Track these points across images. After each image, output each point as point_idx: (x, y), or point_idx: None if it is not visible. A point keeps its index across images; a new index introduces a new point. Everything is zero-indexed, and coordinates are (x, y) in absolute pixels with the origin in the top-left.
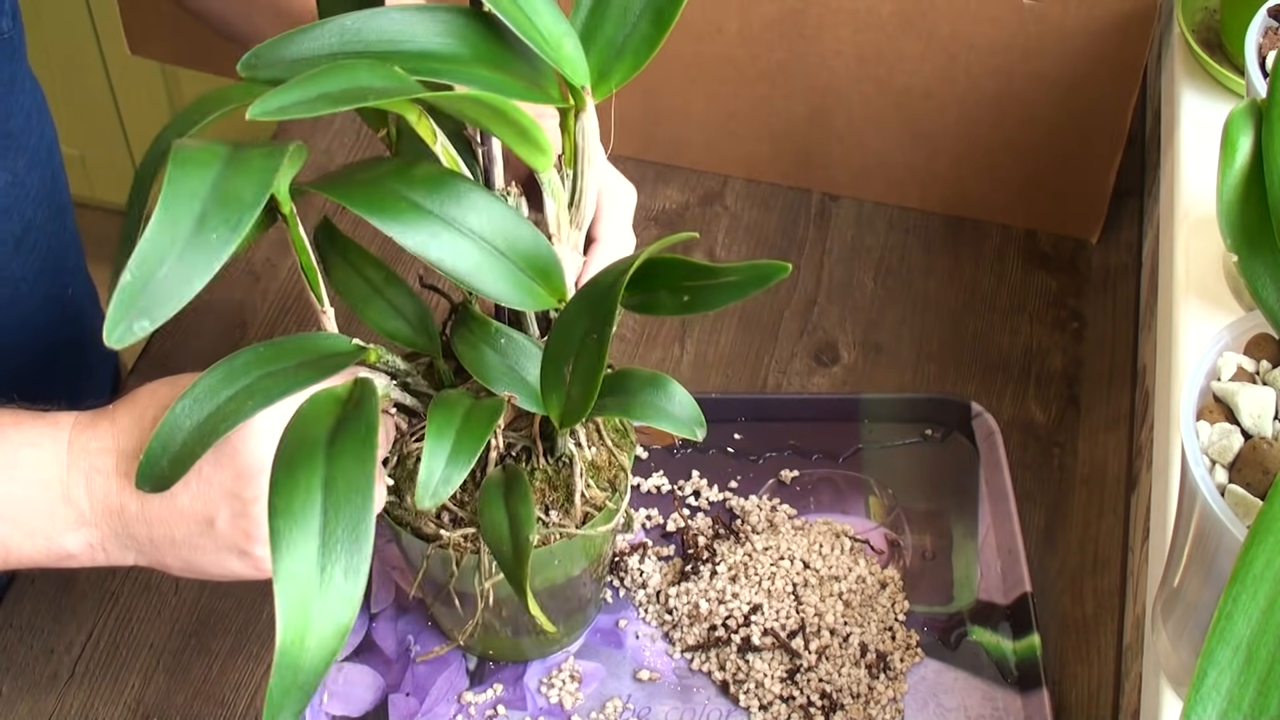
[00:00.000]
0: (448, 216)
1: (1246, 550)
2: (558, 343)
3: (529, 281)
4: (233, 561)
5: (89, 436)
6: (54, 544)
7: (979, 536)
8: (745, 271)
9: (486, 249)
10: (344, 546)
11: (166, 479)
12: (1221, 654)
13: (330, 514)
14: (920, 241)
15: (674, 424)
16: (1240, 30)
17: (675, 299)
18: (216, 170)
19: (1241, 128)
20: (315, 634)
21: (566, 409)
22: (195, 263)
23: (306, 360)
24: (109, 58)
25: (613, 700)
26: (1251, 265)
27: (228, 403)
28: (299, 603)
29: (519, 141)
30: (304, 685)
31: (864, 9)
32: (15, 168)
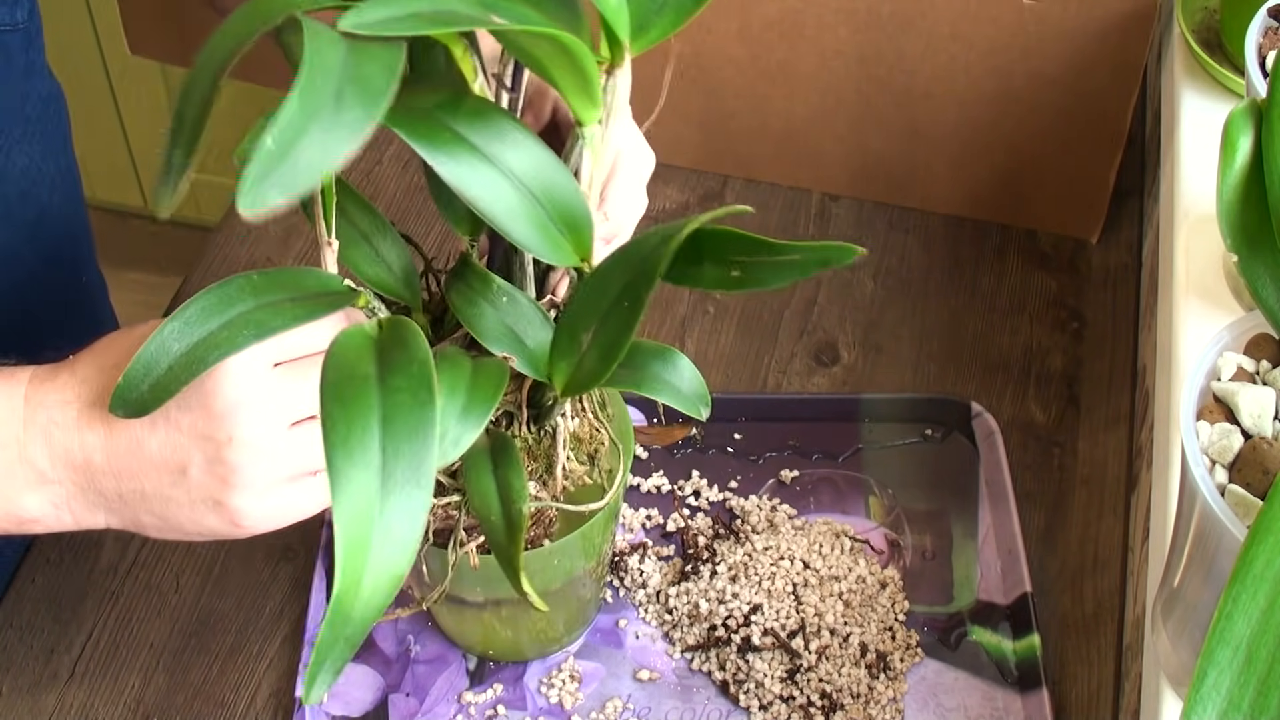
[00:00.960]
0: (490, 152)
1: (1246, 550)
2: (581, 306)
3: (557, 234)
4: (208, 516)
5: (47, 389)
6: (14, 506)
7: (979, 536)
8: (809, 251)
9: (523, 192)
10: (405, 489)
11: (144, 404)
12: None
13: (390, 453)
14: (920, 241)
15: (680, 400)
16: (1240, 30)
17: (722, 273)
18: (344, 51)
19: (1241, 128)
20: (369, 581)
21: (576, 377)
22: (335, 138)
23: (300, 295)
24: (109, 58)
25: (613, 700)
26: (1251, 265)
27: (220, 330)
28: (358, 546)
29: (577, 89)
30: (351, 637)
31: (864, 9)
32: (32, 153)
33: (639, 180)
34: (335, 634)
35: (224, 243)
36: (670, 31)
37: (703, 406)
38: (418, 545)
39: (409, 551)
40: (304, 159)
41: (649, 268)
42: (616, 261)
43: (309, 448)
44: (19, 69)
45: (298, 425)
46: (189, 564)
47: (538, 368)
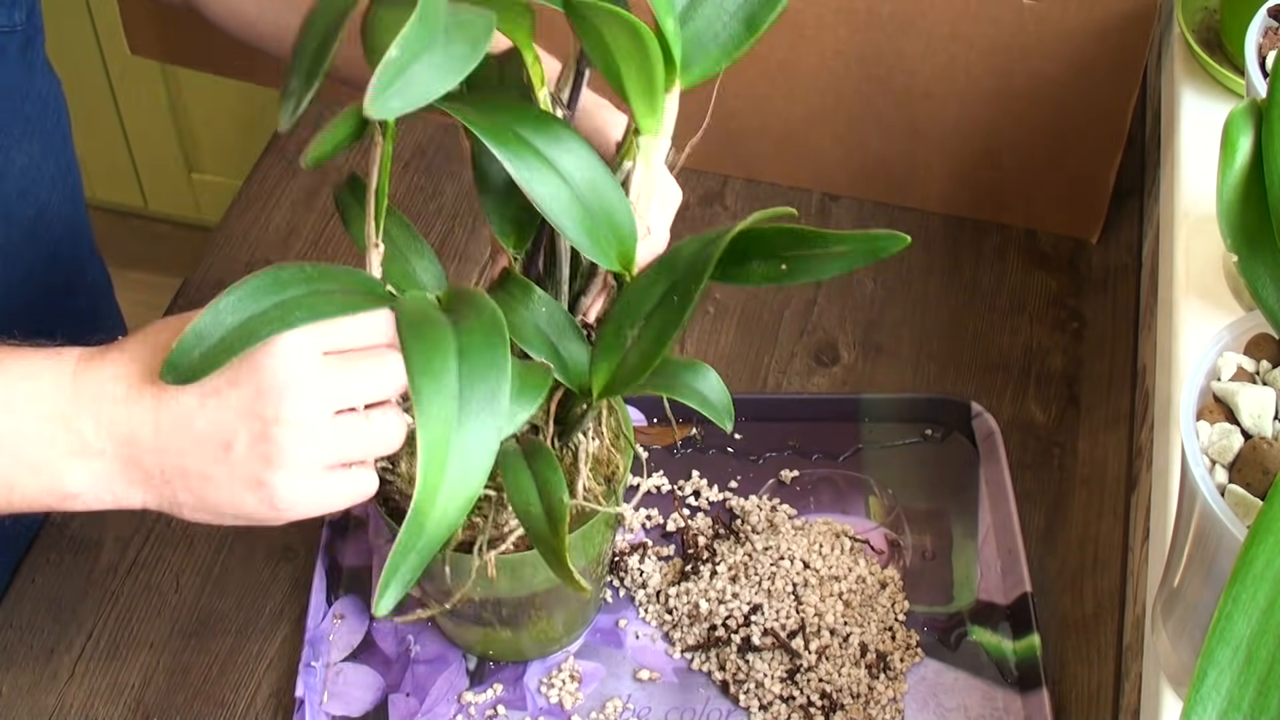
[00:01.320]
0: (551, 157)
1: (1246, 550)
2: (628, 304)
3: (606, 239)
4: (246, 495)
5: (97, 366)
6: (57, 480)
7: (979, 536)
8: (857, 241)
9: (579, 197)
10: (479, 416)
11: (195, 371)
12: (1221, 654)
13: (466, 383)
14: (920, 241)
15: (709, 408)
16: (1240, 30)
17: (771, 268)
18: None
19: (1241, 128)
20: (443, 499)
21: (618, 375)
22: (443, 67)
23: (349, 289)
24: (109, 58)
25: (613, 700)
26: (1251, 265)
27: (274, 308)
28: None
29: (644, 96)
30: (423, 550)
31: (864, 9)
32: (32, 151)
33: (667, 216)
34: (409, 544)
35: (224, 243)
36: (713, 71)
37: (728, 418)
38: (489, 467)
39: (482, 472)
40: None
41: (699, 267)
42: (663, 264)
43: (351, 438)
44: (18, 69)
45: (341, 414)
46: (189, 564)
47: (572, 377)
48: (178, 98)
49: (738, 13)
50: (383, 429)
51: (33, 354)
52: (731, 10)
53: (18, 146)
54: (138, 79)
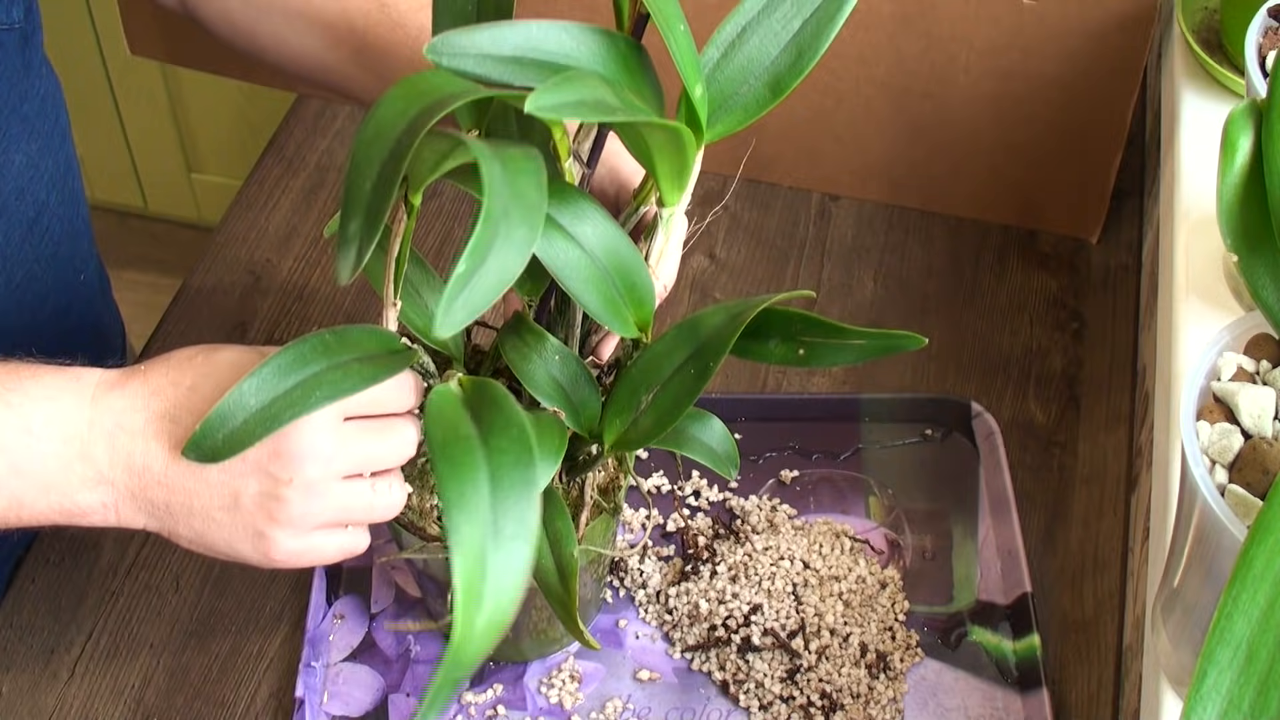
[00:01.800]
0: (571, 229)
1: (1246, 550)
2: (645, 368)
3: (623, 306)
4: (245, 543)
5: (117, 395)
6: (68, 500)
7: (979, 536)
8: (875, 338)
9: (599, 267)
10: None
11: (217, 453)
12: (1221, 654)
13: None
14: (920, 241)
15: (714, 459)
16: (1240, 30)
17: (789, 349)
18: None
19: (1241, 128)
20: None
21: (629, 435)
22: (509, 258)
23: (366, 355)
24: (109, 58)
25: (613, 700)
26: (1251, 265)
27: (295, 389)
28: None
29: (672, 175)
30: (461, 679)
31: (864, 9)
32: (29, 150)
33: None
34: (450, 674)
35: (224, 243)
36: (733, 130)
37: (732, 468)
38: (523, 595)
39: (515, 601)
40: (486, 280)
41: (720, 341)
42: (683, 331)
43: (353, 503)
44: (16, 68)
45: (349, 479)
46: (189, 564)
47: (583, 424)
48: (178, 98)
49: (763, 75)
50: (384, 497)
51: (53, 375)
52: (758, 74)
53: (16, 145)
54: (138, 79)
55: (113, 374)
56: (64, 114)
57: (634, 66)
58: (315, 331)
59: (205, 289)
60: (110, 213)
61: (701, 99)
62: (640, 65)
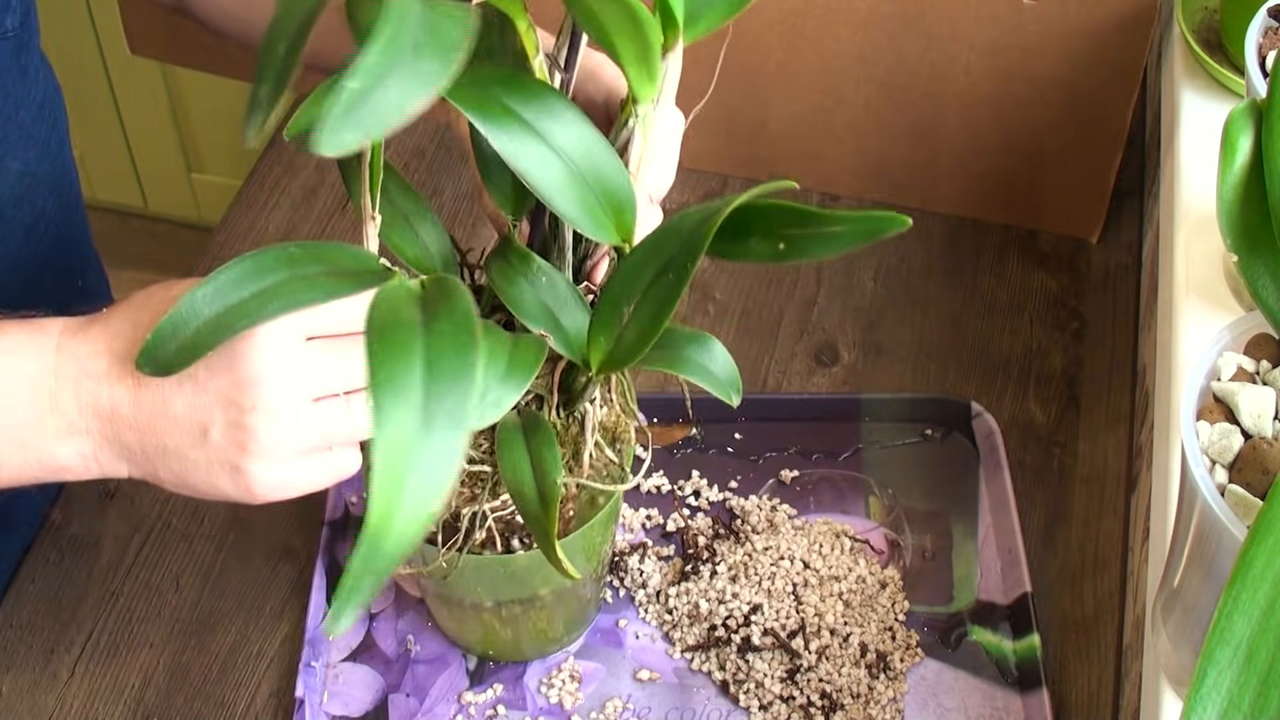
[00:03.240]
0: (540, 129)
1: (1246, 550)
2: (624, 279)
3: (602, 213)
4: (223, 478)
5: (79, 341)
6: (45, 456)
7: (979, 536)
8: (854, 221)
9: (572, 170)
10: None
11: (170, 364)
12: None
13: (431, 393)
14: (920, 241)
15: (713, 383)
16: (1240, 30)
17: (769, 246)
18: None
19: (1241, 128)
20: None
21: (614, 353)
22: (413, 86)
23: (335, 270)
24: (109, 58)
25: (613, 700)
26: (1251, 265)
27: (251, 299)
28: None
29: (638, 62)
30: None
31: (864, 9)
32: (26, 158)
33: (675, 147)
34: (366, 566)
35: (224, 242)
36: (718, 23)
37: (734, 392)
38: (452, 484)
39: (443, 489)
40: (384, 102)
41: (694, 242)
42: (659, 237)
43: (329, 423)
44: (11, 75)
45: (321, 400)
46: (189, 564)
47: (573, 348)
48: (178, 98)
49: None
50: (364, 414)
51: (15, 328)
52: None
53: (12, 153)
54: (138, 79)
55: (75, 321)
56: (63, 119)
57: None
58: (282, 243)
59: None
60: (110, 213)
61: None
62: None
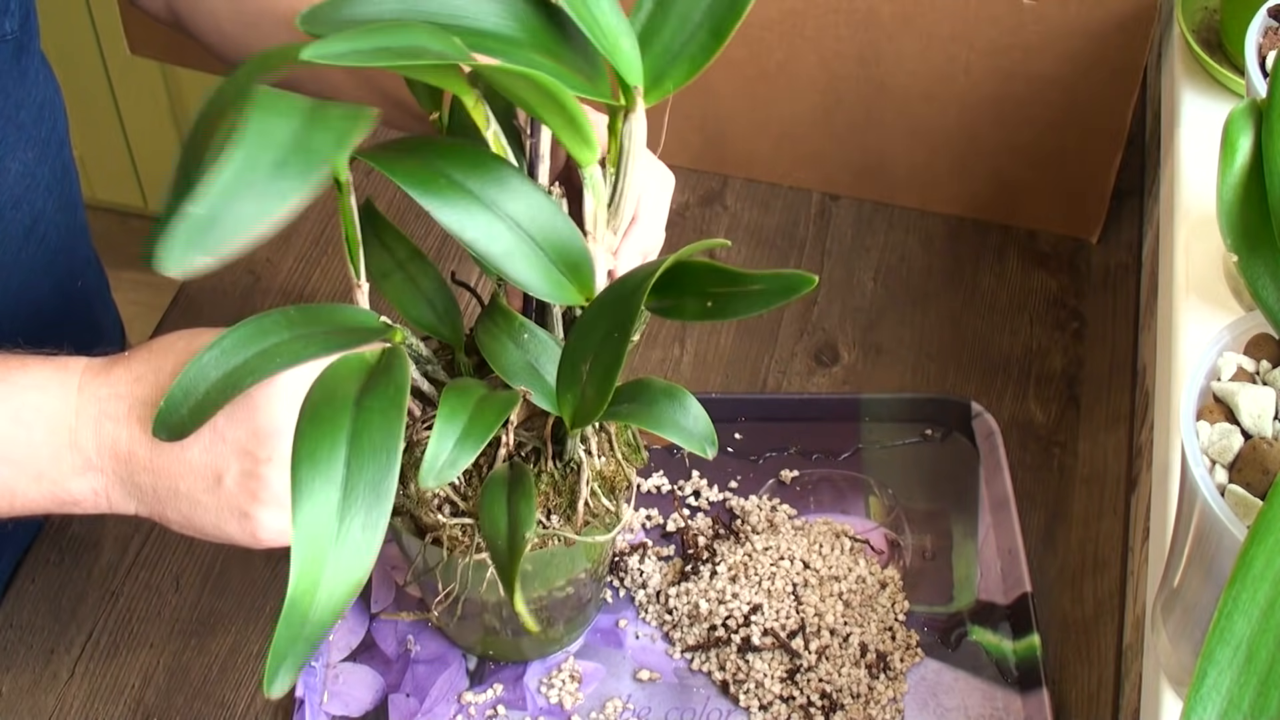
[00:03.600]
0: (487, 199)
1: (1246, 550)
2: (578, 340)
3: (559, 275)
4: (231, 524)
5: (100, 382)
6: (59, 489)
7: (979, 536)
8: (770, 281)
9: (521, 236)
10: (364, 501)
11: (184, 427)
12: (1221, 654)
13: (354, 468)
14: (920, 241)
15: (687, 439)
16: (1240, 30)
17: (699, 305)
18: (298, 121)
19: (1241, 128)
20: (326, 586)
21: (580, 408)
22: (265, 207)
23: (334, 329)
24: (109, 58)
25: (613, 700)
26: (1251, 265)
27: (255, 358)
28: (314, 553)
29: (567, 131)
30: (309, 637)
31: (864, 9)
32: (25, 159)
33: (660, 203)
34: (293, 632)
35: None
36: (684, 81)
37: (709, 447)
38: (375, 554)
39: (367, 560)
40: (229, 226)
41: (632, 303)
42: (608, 296)
43: None
44: (11, 76)
45: None
46: (189, 564)
47: (553, 402)
48: (178, 98)
49: (703, 23)
50: None
51: (40, 366)
52: (697, 21)
53: (11, 154)
54: (138, 79)
55: (98, 362)
56: (62, 120)
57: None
58: (280, 308)
59: (205, 289)
60: (110, 213)
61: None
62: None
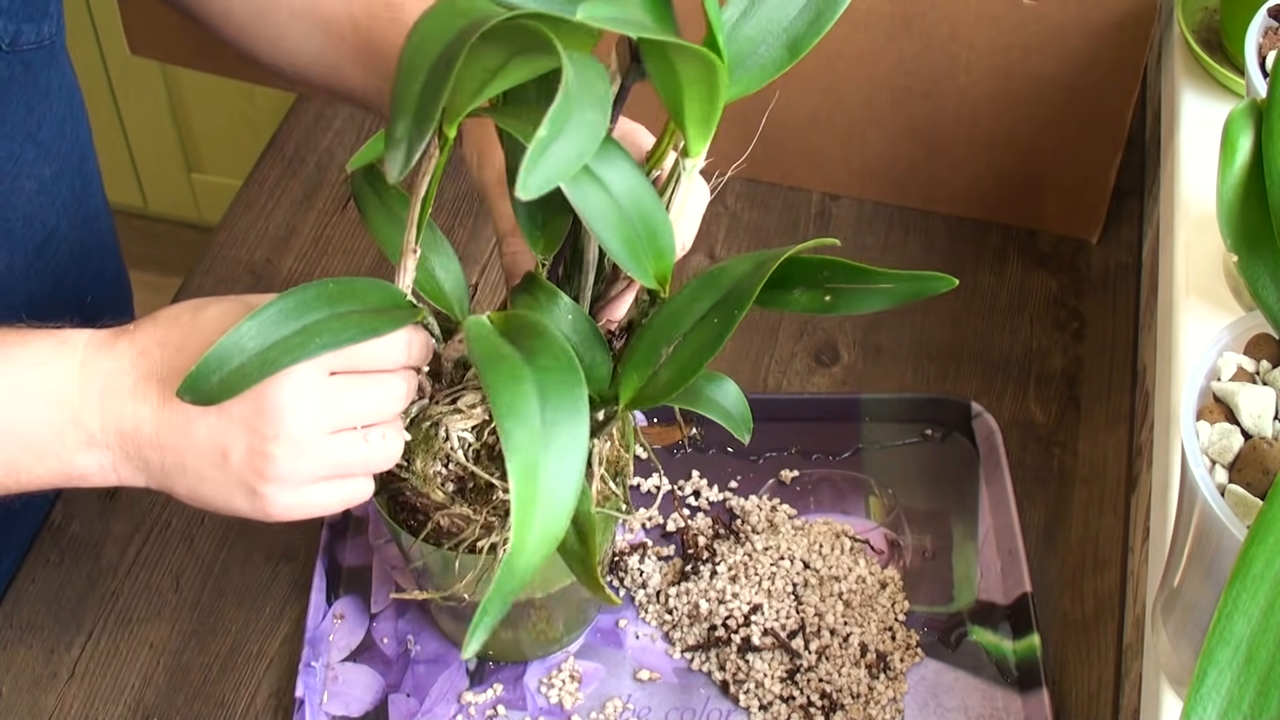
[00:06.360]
0: (600, 174)
1: (1246, 550)
2: (666, 320)
3: (644, 254)
4: (239, 498)
5: (104, 356)
6: (65, 464)
7: (979, 536)
8: (904, 280)
9: (622, 210)
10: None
11: (212, 395)
12: (1221, 654)
13: (549, 423)
14: (920, 241)
15: (728, 420)
16: (1240, 30)
17: (814, 298)
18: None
19: (1241, 128)
20: (533, 540)
21: (646, 390)
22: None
23: (370, 308)
24: (109, 58)
25: (613, 700)
26: (1251, 265)
27: (294, 335)
28: (527, 504)
29: (700, 118)
30: (511, 592)
31: (864, 8)
32: (42, 176)
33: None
34: (503, 589)
35: (224, 242)
36: (749, 90)
37: (746, 430)
38: (574, 507)
39: (567, 512)
40: (561, 152)
41: (743, 291)
42: (706, 282)
43: (345, 455)
44: (37, 91)
45: (338, 433)
46: (189, 564)
47: (594, 384)
48: (178, 98)
49: (782, 35)
50: (379, 449)
51: (40, 339)
52: (777, 33)
53: (29, 171)
54: (138, 79)
55: (101, 335)
56: (85, 132)
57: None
58: (319, 280)
59: (205, 289)
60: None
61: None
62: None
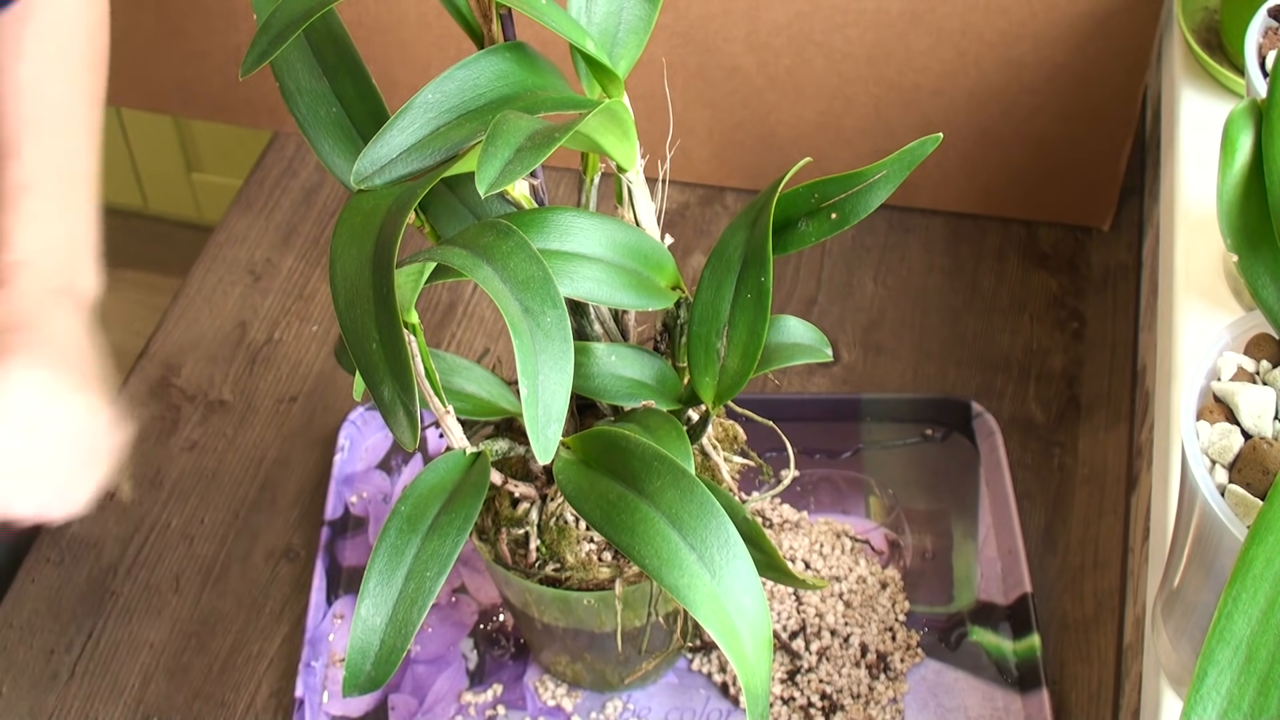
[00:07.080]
0: (568, 248)
1: (1246, 550)
2: (703, 317)
3: (649, 278)
4: None
5: None
6: None
7: (979, 536)
8: (893, 162)
9: (608, 263)
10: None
11: (375, 681)
12: (1221, 654)
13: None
14: (920, 241)
15: (807, 352)
16: (1240, 30)
17: (820, 222)
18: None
19: (1241, 128)
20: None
21: (723, 383)
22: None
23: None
24: None
25: (612, 700)
26: (1251, 265)
27: (406, 584)
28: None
29: (620, 143)
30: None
31: (873, 8)
32: None
33: None
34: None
35: (224, 242)
36: (636, 56)
37: (825, 348)
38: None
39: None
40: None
41: (757, 253)
42: (716, 266)
43: None
44: None
45: None
46: (189, 564)
47: (670, 393)
48: None
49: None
50: None
51: None
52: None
53: None
54: None
55: None
56: None
57: (529, 63)
58: (390, 515)
59: (205, 289)
60: (110, 213)
61: (597, 48)
62: (532, 57)
